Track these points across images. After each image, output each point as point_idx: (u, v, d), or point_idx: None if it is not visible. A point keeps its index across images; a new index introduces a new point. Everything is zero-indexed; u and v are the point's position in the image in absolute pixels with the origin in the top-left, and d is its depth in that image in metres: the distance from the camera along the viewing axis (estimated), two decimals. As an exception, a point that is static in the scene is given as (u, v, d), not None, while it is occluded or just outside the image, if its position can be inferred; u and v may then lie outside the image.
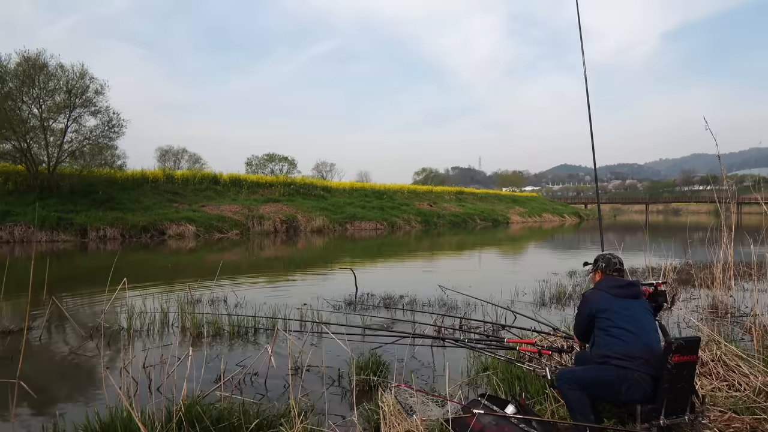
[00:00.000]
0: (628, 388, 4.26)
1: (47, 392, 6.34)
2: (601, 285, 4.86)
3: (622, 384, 4.26)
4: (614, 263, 5.04)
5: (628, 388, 4.26)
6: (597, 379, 4.37)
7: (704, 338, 6.37)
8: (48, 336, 8.87)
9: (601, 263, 5.11)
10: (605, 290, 4.75)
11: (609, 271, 5.03)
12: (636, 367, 4.26)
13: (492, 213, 65.85)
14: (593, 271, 5.20)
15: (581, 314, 4.83)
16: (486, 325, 9.11)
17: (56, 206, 31.60)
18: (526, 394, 5.58)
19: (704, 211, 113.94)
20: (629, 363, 4.28)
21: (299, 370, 6.93)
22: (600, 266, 5.11)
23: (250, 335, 8.90)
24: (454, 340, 6.97)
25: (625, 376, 4.26)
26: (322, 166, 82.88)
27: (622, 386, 4.27)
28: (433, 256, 25.35)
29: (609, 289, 4.75)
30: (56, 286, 13.59)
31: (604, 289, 4.78)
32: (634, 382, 4.25)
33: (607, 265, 5.06)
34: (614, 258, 5.08)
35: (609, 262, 5.06)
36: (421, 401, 4.98)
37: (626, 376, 4.26)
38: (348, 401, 5.95)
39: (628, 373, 4.26)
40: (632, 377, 4.25)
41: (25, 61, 32.93)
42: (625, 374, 4.26)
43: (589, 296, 4.81)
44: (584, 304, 4.81)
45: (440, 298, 11.71)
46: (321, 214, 43.80)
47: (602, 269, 5.07)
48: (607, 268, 5.04)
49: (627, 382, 4.25)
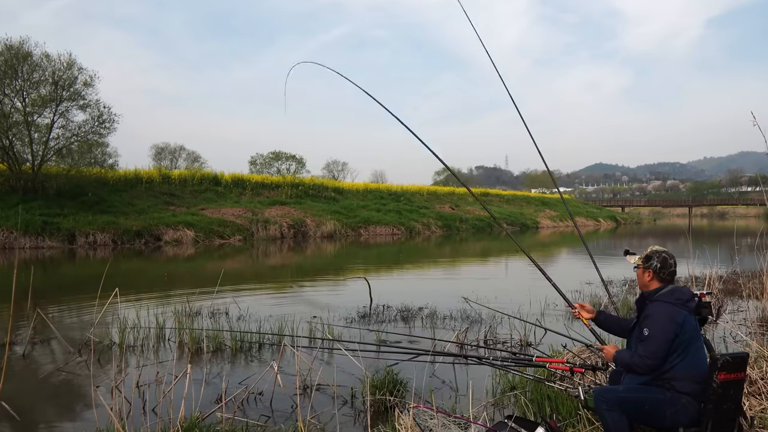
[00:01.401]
0: (675, 412, 4.21)
1: (31, 413, 6.37)
2: (671, 297, 4.46)
3: (668, 408, 4.21)
4: (670, 265, 4.61)
5: (674, 413, 4.21)
6: (641, 401, 4.29)
7: (753, 354, 6.31)
8: (32, 351, 8.93)
9: (655, 262, 4.63)
10: (678, 306, 4.40)
11: (663, 275, 4.60)
12: (687, 391, 4.21)
13: (520, 217, 65.74)
14: (644, 268, 4.71)
15: (664, 336, 4.31)
16: (513, 341, 9.11)
17: (41, 209, 31.66)
18: (557, 415, 5.57)
19: (753, 214, 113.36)
20: (682, 386, 4.22)
21: (308, 390, 6.95)
22: (654, 266, 4.63)
23: (254, 351, 8.93)
24: (478, 358, 6.96)
25: (673, 399, 4.21)
26: (333, 165, 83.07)
27: (668, 410, 4.21)
28: (455, 264, 25.33)
29: (682, 304, 4.41)
30: (41, 297, 13.62)
31: (677, 304, 4.41)
32: (681, 407, 4.20)
33: (662, 266, 4.60)
34: (670, 258, 4.63)
35: (665, 263, 4.61)
36: (442, 423, 4.97)
37: (674, 399, 4.21)
38: (362, 423, 5.95)
39: (675, 396, 4.21)
40: (680, 401, 4.20)
41: (7, 50, 33.15)
42: (672, 397, 4.21)
43: (670, 313, 4.36)
44: (666, 324, 4.33)
45: (463, 311, 11.70)
46: (332, 217, 43.91)
47: (656, 271, 4.63)
48: (662, 270, 4.60)
49: (674, 407, 4.20)
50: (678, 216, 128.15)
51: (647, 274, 4.66)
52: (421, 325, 10.79)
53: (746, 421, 4.41)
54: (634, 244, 41.14)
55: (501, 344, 9.08)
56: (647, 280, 4.68)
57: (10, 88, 33.60)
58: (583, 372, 5.92)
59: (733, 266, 16.09)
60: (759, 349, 6.59)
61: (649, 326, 4.41)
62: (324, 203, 48.75)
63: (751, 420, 4.52)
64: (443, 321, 11.04)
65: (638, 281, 4.81)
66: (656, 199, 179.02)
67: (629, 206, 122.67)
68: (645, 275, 4.68)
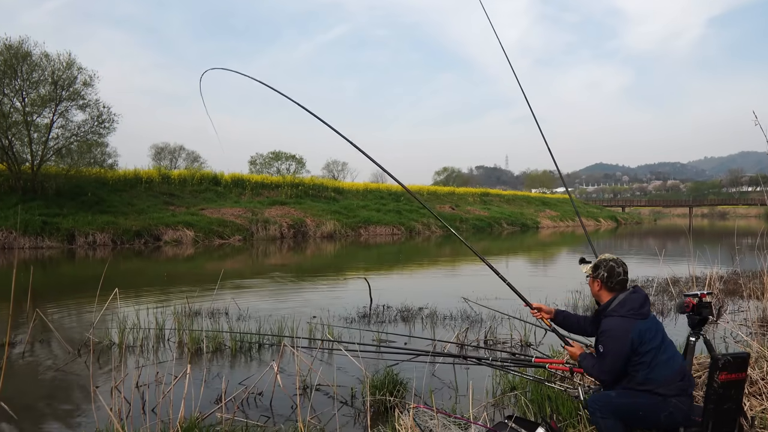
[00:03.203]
0: (668, 415, 4.24)
1: (31, 414, 6.38)
2: (623, 309, 4.39)
3: (662, 412, 4.24)
4: (618, 273, 4.53)
5: (668, 415, 4.24)
6: (635, 407, 4.30)
7: (754, 354, 6.29)
8: (32, 352, 8.94)
9: (602, 272, 4.58)
10: (631, 317, 4.35)
11: (612, 284, 4.55)
12: (674, 393, 4.23)
13: (520, 217, 65.79)
14: (593, 278, 4.66)
15: (618, 353, 4.31)
16: (513, 341, 9.11)
17: (41, 209, 31.71)
18: (557, 416, 5.57)
19: (753, 214, 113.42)
20: (667, 389, 4.24)
21: (308, 390, 6.96)
22: (601, 276, 4.59)
23: (254, 351, 8.93)
24: (478, 358, 6.96)
25: (664, 403, 4.23)
26: (333, 165, 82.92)
27: (662, 414, 4.24)
28: (455, 264, 25.31)
29: (634, 316, 4.35)
30: (41, 297, 13.64)
31: (629, 316, 4.35)
32: (673, 409, 4.22)
33: (609, 275, 4.55)
34: (618, 266, 4.55)
35: (612, 272, 4.55)
36: (443, 424, 4.96)
37: (665, 403, 4.23)
38: (362, 424, 5.95)
39: (666, 400, 4.23)
40: (671, 404, 4.22)
41: (6, 50, 33.09)
42: (663, 401, 4.23)
43: (623, 329, 4.31)
44: (620, 341, 4.30)
45: (463, 311, 11.70)
46: (332, 217, 43.93)
47: (603, 280, 4.59)
48: (609, 279, 4.55)
49: (666, 410, 4.23)
50: (678, 216, 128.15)
51: (596, 283, 4.66)
52: (421, 325, 10.78)
53: (747, 422, 4.42)
54: (634, 244, 41.14)
55: (501, 344, 9.08)
56: (597, 290, 4.67)
57: (10, 87, 33.56)
58: (583, 372, 5.92)
59: (734, 266, 16.11)
60: (760, 349, 6.58)
61: (603, 343, 4.41)
62: (324, 203, 48.76)
63: (752, 420, 4.52)
64: (443, 321, 11.03)
65: (591, 291, 4.77)
66: (657, 199, 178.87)
67: (630, 206, 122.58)
68: (594, 285, 4.68)
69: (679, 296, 11.41)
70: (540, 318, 5.19)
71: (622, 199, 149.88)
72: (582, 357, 4.68)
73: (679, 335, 6.71)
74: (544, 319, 5.17)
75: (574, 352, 4.79)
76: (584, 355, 4.69)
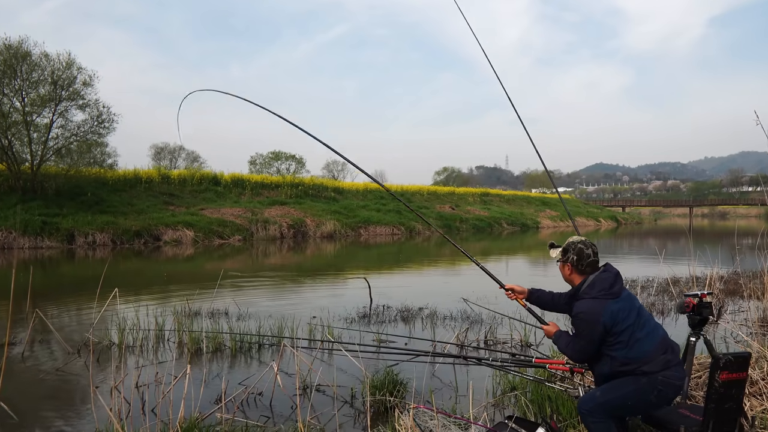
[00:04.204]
0: (658, 393, 4.15)
1: (30, 414, 6.38)
2: (593, 290, 4.33)
3: (650, 393, 4.15)
4: (587, 255, 4.45)
5: (658, 394, 4.15)
6: (623, 398, 4.21)
7: (754, 354, 6.29)
8: (31, 352, 8.94)
9: (571, 255, 4.51)
10: (602, 298, 4.28)
11: (582, 266, 4.47)
12: (659, 368, 4.15)
13: (520, 217, 65.79)
14: (563, 263, 4.59)
15: (590, 335, 4.26)
16: (513, 342, 9.12)
17: (40, 209, 31.71)
18: (557, 416, 5.57)
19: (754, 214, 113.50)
20: (651, 366, 4.15)
21: (308, 390, 6.96)
22: (571, 259, 4.51)
23: (254, 351, 8.94)
24: (478, 359, 6.96)
25: (651, 382, 4.14)
26: (333, 165, 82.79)
27: (651, 395, 4.16)
28: (455, 264, 25.28)
29: (605, 296, 4.28)
30: (40, 297, 13.62)
31: (600, 297, 4.28)
32: (661, 385, 4.14)
33: (579, 258, 4.47)
34: (587, 248, 4.48)
35: (581, 255, 4.47)
36: (443, 424, 4.97)
37: (652, 381, 4.14)
38: (362, 424, 5.96)
39: (652, 378, 4.14)
40: (658, 381, 4.13)
41: (6, 50, 33.06)
42: (649, 380, 4.14)
43: (594, 310, 4.25)
44: (592, 323, 4.24)
45: (463, 311, 11.70)
46: (332, 217, 43.91)
47: (573, 264, 4.51)
48: (580, 262, 4.48)
49: (654, 389, 4.14)
50: (679, 216, 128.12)
51: (567, 267, 4.57)
52: (421, 325, 10.79)
53: (747, 422, 4.41)
54: (634, 244, 41.16)
55: (501, 345, 9.09)
56: (568, 274, 4.58)
57: (9, 87, 33.54)
58: (583, 372, 5.93)
59: (734, 266, 16.10)
60: (760, 349, 6.58)
61: (576, 326, 4.39)
62: (324, 203, 48.73)
63: (752, 420, 4.52)
64: (443, 321, 11.04)
65: (562, 276, 4.68)
66: (657, 199, 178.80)
67: (630, 206, 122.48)
68: (565, 269, 4.59)
69: (680, 296, 11.40)
70: (514, 298, 5.15)
71: (623, 199, 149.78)
72: (557, 336, 4.63)
73: (679, 335, 6.70)
74: (519, 299, 5.15)
75: (550, 330, 4.74)
76: (559, 334, 4.64)
